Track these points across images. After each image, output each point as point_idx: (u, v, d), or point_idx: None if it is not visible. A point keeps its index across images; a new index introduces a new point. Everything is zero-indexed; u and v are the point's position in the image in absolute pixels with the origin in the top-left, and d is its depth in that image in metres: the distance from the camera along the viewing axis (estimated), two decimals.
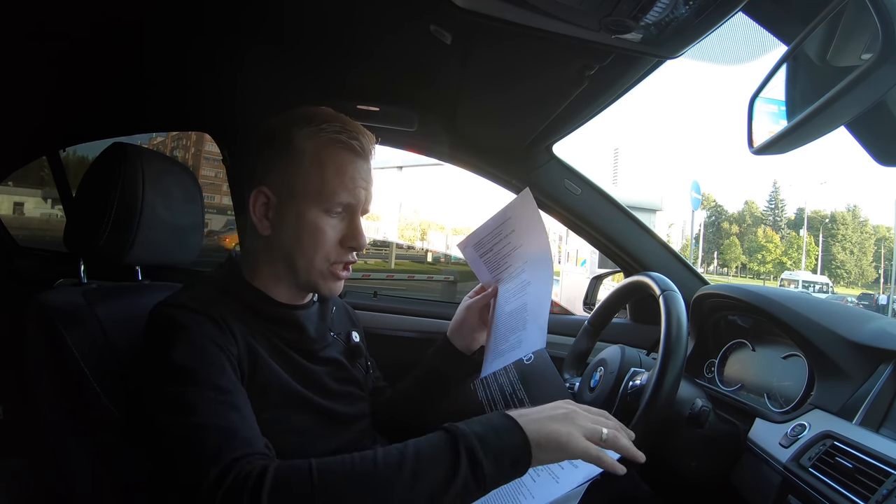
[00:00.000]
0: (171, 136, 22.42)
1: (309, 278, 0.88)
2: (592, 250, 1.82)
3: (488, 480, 0.63)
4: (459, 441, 0.64)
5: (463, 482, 0.62)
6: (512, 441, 0.65)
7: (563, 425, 0.68)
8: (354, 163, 0.87)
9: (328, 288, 0.90)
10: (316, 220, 0.85)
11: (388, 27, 1.12)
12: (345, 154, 0.86)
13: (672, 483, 1.11)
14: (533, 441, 0.66)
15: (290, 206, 0.86)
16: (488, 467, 0.63)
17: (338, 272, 0.89)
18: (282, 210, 0.86)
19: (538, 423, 0.67)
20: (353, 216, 0.89)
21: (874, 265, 43.70)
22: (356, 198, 0.87)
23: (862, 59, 0.62)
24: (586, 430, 0.68)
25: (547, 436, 0.66)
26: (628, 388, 0.98)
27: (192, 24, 1.18)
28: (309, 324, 0.93)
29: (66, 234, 1.04)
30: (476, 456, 0.63)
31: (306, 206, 0.85)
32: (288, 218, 0.86)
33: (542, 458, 0.66)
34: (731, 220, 50.34)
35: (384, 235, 22.39)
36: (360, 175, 0.88)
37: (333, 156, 0.86)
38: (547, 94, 1.17)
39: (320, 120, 0.87)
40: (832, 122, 0.68)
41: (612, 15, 0.77)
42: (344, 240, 0.88)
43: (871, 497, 0.70)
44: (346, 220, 0.88)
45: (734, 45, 0.93)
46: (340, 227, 0.88)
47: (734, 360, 1.24)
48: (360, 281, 12.60)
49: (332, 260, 0.88)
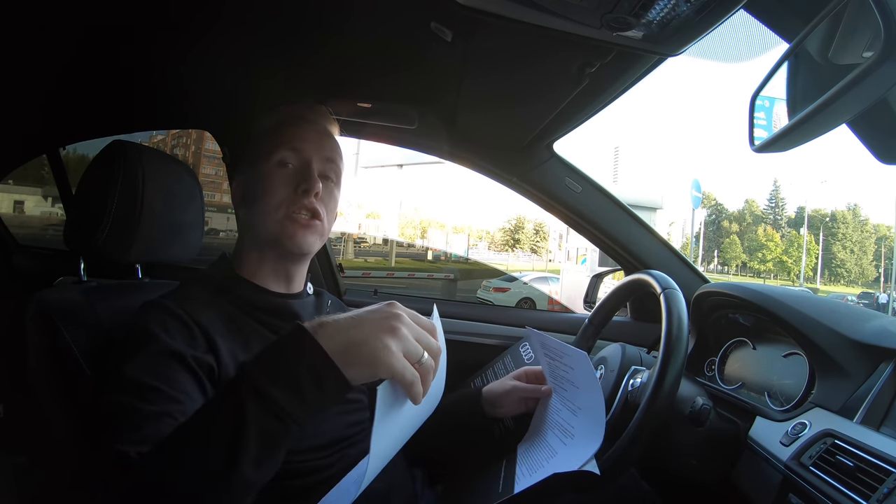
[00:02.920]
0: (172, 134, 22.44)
1: (270, 231, 0.90)
2: (593, 248, 1.82)
3: (291, 413, 0.55)
4: (243, 379, 0.56)
5: (257, 422, 0.54)
6: (307, 360, 0.56)
7: (376, 335, 0.58)
8: (297, 125, 0.96)
9: (290, 235, 0.90)
10: (268, 173, 0.91)
11: (389, 25, 1.11)
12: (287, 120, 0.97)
13: (673, 481, 1.11)
14: (336, 354, 0.57)
15: (252, 179, 0.94)
16: (283, 398, 0.54)
17: (297, 218, 0.90)
18: (249, 187, 0.95)
19: (343, 333, 0.58)
20: (306, 165, 0.92)
21: (874, 264, 43.69)
22: (303, 148, 0.93)
23: (863, 56, 0.61)
24: (407, 346, 0.60)
25: (356, 348, 0.58)
26: (629, 386, 0.98)
27: (191, 21, 1.17)
28: (304, 314, 0.95)
29: (65, 232, 1.04)
30: (263, 389, 0.54)
31: (260, 167, 0.93)
32: (251, 186, 0.94)
33: (353, 374, 0.57)
34: (731, 218, 50.35)
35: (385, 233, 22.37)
36: (304, 133, 0.95)
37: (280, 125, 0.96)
38: (547, 91, 1.17)
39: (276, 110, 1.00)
40: (833, 120, 0.68)
41: (614, 12, 0.76)
42: (297, 186, 0.91)
43: (872, 496, 0.69)
44: (297, 170, 0.93)
45: (735, 42, 0.93)
46: (293, 177, 0.92)
47: (735, 359, 1.24)
48: (361, 279, 12.65)
49: (287, 207, 0.90)
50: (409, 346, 0.60)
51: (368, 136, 1.67)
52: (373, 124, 1.54)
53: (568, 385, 0.98)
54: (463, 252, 32.42)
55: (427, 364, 0.61)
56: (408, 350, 0.60)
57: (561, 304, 11.04)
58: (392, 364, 0.58)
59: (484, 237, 45.28)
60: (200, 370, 0.75)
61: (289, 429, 0.56)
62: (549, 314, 1.99)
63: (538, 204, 1.66)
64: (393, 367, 0.58)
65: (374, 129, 1.58)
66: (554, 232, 33.22)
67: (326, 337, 0.58)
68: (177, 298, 0.83)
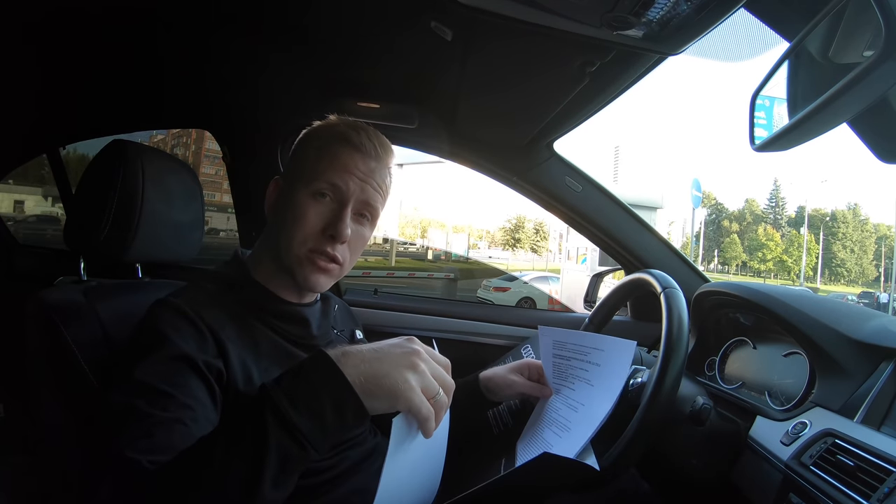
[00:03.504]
0: (172, 134, 22.43)
1: (288, 261, 0.88)
2: (593, 248, 1.82)
3: (311, 440, 0.56)
4: (265, 402, 0.56)
5: (277, 447, 0.55)
6: (330, 389, 0.58)
7: (397, 369, 0.60)
8: (348, 153, 0.89)
9: (304, 276, 0.88)
10: (302, 200, 0.87)
11: (389, 24, 1.11)
12: (340, 144, 0.89)
13: (673, 481, 1.11)
14: (357, 385, 0.58)
15: (288, 189, 0.90)
16: (304, 425, 0.55)
17: (316, 260, 0.87)
18: (283, 195, 0.91)
19: (366, 364, 0.60)
20: (341, 205, 0.88)
21: (875, 263, 43.69)
22: (344, 182, 0.87)
23: (864, 55, 0.61)
24: (424, 382, 0.61)
25: (377, 380, 0.59)
26: (629, 385, 0.98)
27: (192, 21, 1.17)
28: (313, 319, 0.94)
29: (66, 232, 1.04)
30: (286, 415, 0.55)
31: (297, 188, 0.88)
32: (283, 200, 0.90)
33: (373, 405, 0.59)
34: (731, 217, 50.37)
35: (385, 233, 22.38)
36: (353, 164, 0.88)
37: (330, 145, 0.90)
38: (548, 90, 1.17)
39: (336, 122, 0.94)
40: (834, 120, 0.68)
41: (614, 11, 0.76)
42: (326, 227, 0.87)
43: (873, 495, 0.69)
44: (332, 209, 0.88)
45: (736, 41, 0.93)
46: (325, 215, 0.87)
47: (735, 358, 1.24)
48: (361, 278, 12.65)
49: (310, 246, 0.86)
50: (427, 382, 0.62)
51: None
52: (374, 124, 1.54)
53: (578, 383, 0.99)
54: (463, 252, 32.42)
55: (441, 400, 0.63)
56: (425, 386, 0.62)
57: (561, 304, 11.05)
58: (411, 398, 0.60)
59: (484, 237, 45.30)
60: (210, 375, 0.75)
61: (307, 454, 0.57)
62: (550, 313, 1.99)
63: (538, 203, 1.66)
64: (411, 402, 0.60)
65: (373, 127, 1.58)
66: (554, 231, 33.22)
67: (350, 366, 0.59)
68: (187, 299, 0.82)
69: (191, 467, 0.56)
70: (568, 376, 1.02)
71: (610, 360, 0.98)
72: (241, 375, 0.79)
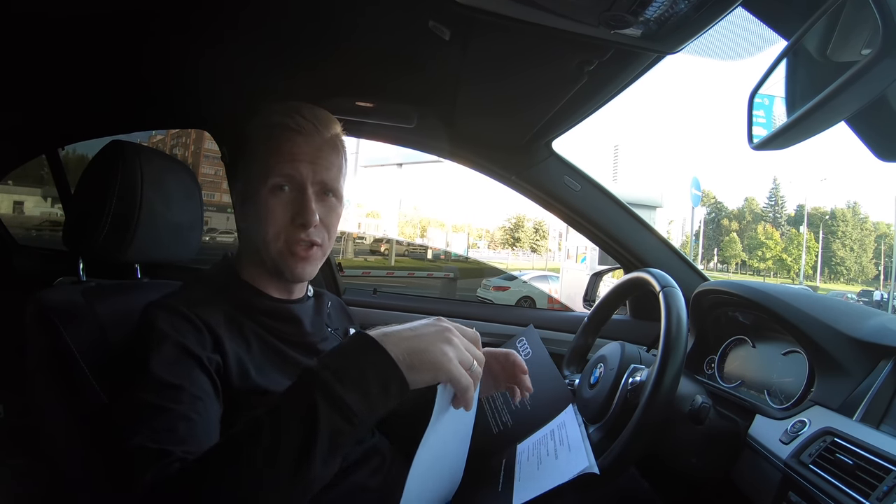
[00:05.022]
0: (171, 134, 22.44)
1: (271, 259, 0.89)
2: (592, 247, 1.83)
3: (359, 415, 0.58)
4: (314, 380, 0.58)
5: (329, 425, 0.56)
6: (374, 365, 0.60)
7: (435, 344, 0.63)
8: (292, 139, 0.88)
9: (290, 268, 0.89)
10: (265, 199, 0.87)
11: (387, 23, 1.11)
12: (283, 133, 0.89)
13: (672, 480, 1.11)
14: (401, 361, 0.60)
15: (249, 192, 0.90)
16: (353, 401, 0.57)
17: (296, 250, 0.89)
18: (245, 198, 0.92)
19: (407, 342, 0.62)
20: (301, 192, 0.88)
21: (874, 262, 43.70)
22: (297, 171, 0.87)
23: (862, 54, 0.61)
24: (461, 355, 0.65)
25: (418, 354, 0.62)
26: (628, 384, 0.98)
27: (190, 20, 1.17)
28: (304, 317, 0.95)
29: (64, 233, 1.04)
30: (334, 392, 0.57)
31: (256, 188, 0.88)
32: (248, 204, 0.91)
33: (415, 378, 0.61)
34: (731, 216, 50.38)
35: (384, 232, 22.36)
36: (300, 150, 0.88)
37: (273, 136, 0.89)
38: (546, 89, 1.17)
39: (273, 110, 0.91)
40: (832, 118, 0.68)
41: (612, 10, 0.76)
42: (294, 217, 0.88)
43: (872, 494, 0.69)
44: (293, 198, 0.88)
45: (734, 40, 0.93)
46: (289, 205, 0.88)
47: (734, 357, 1.24)
48: (360, 278, 12.65)
49: (285, 237, 0.88)
50: (462, 354, 0.65)
51: (368, 136, 1.67)
52: (372, 123, 1.54)
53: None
54: (462, 251, 32.43)
55: (476, 372, 0.66)
56: (462, 358, 0.65)
57: (560, 303, 11.05)
58: (451, 369, 0.63)
59: (484, 236, 45.29)
60: (211, 368, 0.76)
61: (355, 429, 0.58)
62: (549, 312, 1.99)
63: (537, 202, 1.66)
64: (452, 372, 0.63)
65: (373, 128, 1.59)
66: (553, 230, 33.19)
67: (391, 344, 0.61)
68: (182, 299, 0.84)
69: (239, 449, 0.57)
70: None
71: None
72: (237, 371, 0.80)
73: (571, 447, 0.92)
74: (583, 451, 0.87)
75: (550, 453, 0.94)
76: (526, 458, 0.98)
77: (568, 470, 0.84)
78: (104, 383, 0.87)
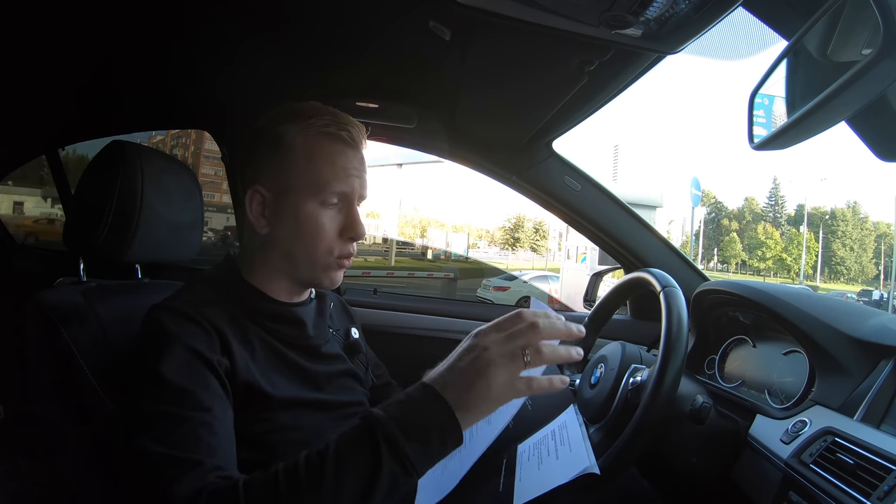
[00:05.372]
0: (171, 135, 22.40)
1: (312, 273, 0.89)
2: (593, 247, 1.83)
3: (417, 466, 0.60)
4: (378, 432, 0.60)
5: (389, 475, 0.59)
6: (436, 417, 0.61)
7: (480, 376, 0.62)
8: (345, 153, 0.88)
9: (330, 280, 0.90)
10: (313, 213, 0.86)
11: (387, 23, 1.11)
12: (335, 145, 0.87)
13: (673, 479, 1.11)
14: (458, 408, 0.61)
15: (286, 202, 0.86)
16: (414, 453, 0.60)
17: (343, 263, 0.90)
18: (278, 207, 0.87)
19: (459, 388, 0.62)
20: (350, 206, 0.89)
21: (874, 261, 43.66)
22: (350, 187, 0.88)
23: (862, 54, 0.61)
24: (504, 365, 0.63)
25: (471, 397, 0.62)
26: (629, 384, 0.98)
27: (190, 20, 1.17)
28: (307, 319, 0.94)
29: (65, 233, 1.04)
30: (398, 445, 0.59)
31: (302, 201, 0.86)
32: (285, 214, 0.87)
33: (470, 419, 0.62)
34: (731, 216, 50.31)
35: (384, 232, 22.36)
36: (351, 165, 0.88)
37: (324, 148, 0.86)
38: (546, 89, 1.17)
39: (308, 114, 0.87)
40: (833, 118, 0.68)
41: (612, 10, 0.76)
42: (343, 231, 0.88)
43: (873, 493, 0.69)
44: (343, 211, 0.88)
45: (734, 40, 0.93)
46: (338, 219, 0.88)
47: (735, 357, 1.24)
48: (361, 278, 12.65)
49: (336, 253, 0.88)
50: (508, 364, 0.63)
51: (368, 136, 1.67)
52: (372, 123, 1.54)
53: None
54: (463, 251, 32.43)
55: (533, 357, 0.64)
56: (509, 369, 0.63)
57: (561, 303, 11.04)
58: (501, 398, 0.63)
59: (484, 236, 45.28)
60: (221, 370, 0.76)
61: (411, 478, 0.61)
62: None
63: (538, 202, 1.66)
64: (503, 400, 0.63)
65: (373, 128, 1.57)
66: (554, 230, 33.15)
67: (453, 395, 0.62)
68: (186, 301, 0.82)
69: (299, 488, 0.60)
70: None
71: None
72: (244, 373, 0.79)
73: (572, 447, 0.92)
74: (583, 451, 0.87)
75: (551, 453, 0.94)
76: (526, 458, 0.98)
77: (569, 470, 0.84)
78: (105, 384, 0.87)
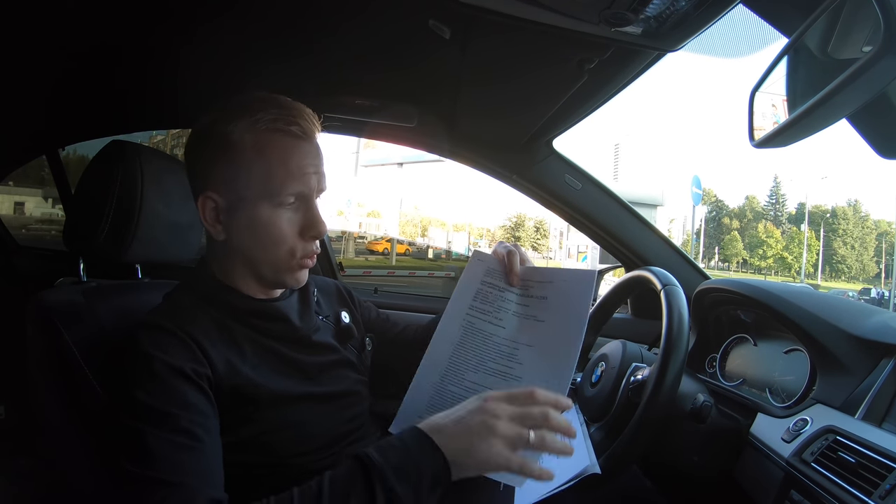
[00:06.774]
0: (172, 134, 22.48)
1: (276, 276, 0.86)
2: (593, 246, 1.83)
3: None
4: (373, 474, 0.62)
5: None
6: (429, 465, 0.64)
7: (483, 439, 0.64)
8: (298, 148, 0.82)
9: (295, 280, 0.87)
10: (270, 217, 0.81)
11: (387, 22, 1.11)
12: (286, 141, 0.81)
13: (674, 478, 1.11)
14: (452, 461, 0.64)
15: (240, 207, 0.82)
16: (404, 493, 0.62)
17: (305, 263, 0.86)
18: (232, 212, 0.82)
19: (457, 441, 0.65)
20: (308, 204, 0.84)
21: (875, 260, 43.62)
22: (307, 186, 0.82)
23: (863, 51, 0.61)
24: (508, 438, 0.65)
25: (466, 453, 0.64)
26: (630, 383, 0.98)
27: (190, 20, 1.17)
28: (291, 312, 0.91)
29: (65, 233, 1.03)
30: (392, 490, 0.61)
31: (257, 205, 0.81)
32: (241, 220, 0.82)
33: (461, 474, 0.65)
34: (731, 215, 50.25)
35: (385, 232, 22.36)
36: (306, 161, 0.82)
37: (275, 146, 0.81)
38: (547, 88, 1.17)
39: (254, 109, 0.81)
40: (833, 115, 0.68)
41: (612, 8, 0.76)
42: (303, 230, 0.84)
43: (874, 492, 0.69)
44: (301, 210, 0.84)
45: (735, 37, 0.93)
46: (296, 219, 0.83)
47: (736, 355, 1.24)
48: (362, 278, 12.66)
49: (299, 254, 0.84)
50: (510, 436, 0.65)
51: (368, 135, 1.67)
52: (372, 122, 1.54)
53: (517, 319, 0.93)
54: (464, 250, 32.46)
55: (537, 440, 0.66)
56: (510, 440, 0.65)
57: None
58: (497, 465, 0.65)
59: (485, 235, 45.28)
60: (202, 381, 0.74)
61: None
62: None
63: (538, 201, 1.66)
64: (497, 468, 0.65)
65: (373, 127, 1.58)
66: (554, 229, 33.19)
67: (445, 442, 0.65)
68: (166, 314, 0.80)
69: None
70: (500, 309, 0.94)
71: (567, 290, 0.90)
72: (230, 378, 0.78)
73: (573, 446, 0.91)
74: (584, 451, 0.87)
75: None
76: None
77: (569, 469, 0.84)
78: (105, 383, 0.87)
